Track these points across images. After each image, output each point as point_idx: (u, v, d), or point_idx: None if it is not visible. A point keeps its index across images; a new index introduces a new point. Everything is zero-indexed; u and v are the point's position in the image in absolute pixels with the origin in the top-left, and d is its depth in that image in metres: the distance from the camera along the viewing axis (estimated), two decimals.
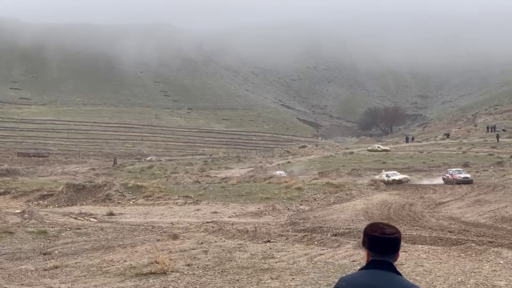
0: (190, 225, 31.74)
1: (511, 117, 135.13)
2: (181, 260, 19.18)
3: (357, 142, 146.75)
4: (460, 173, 57.73)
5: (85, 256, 21.91)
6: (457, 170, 59.09)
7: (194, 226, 31.10)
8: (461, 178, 55.64)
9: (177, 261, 19.05)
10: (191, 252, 21.09)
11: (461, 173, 57.85)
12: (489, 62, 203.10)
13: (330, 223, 30.98)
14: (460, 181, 54.60)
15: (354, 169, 73.70)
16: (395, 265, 4.55)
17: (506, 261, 17.86)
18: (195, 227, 30.28)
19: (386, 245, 4.47)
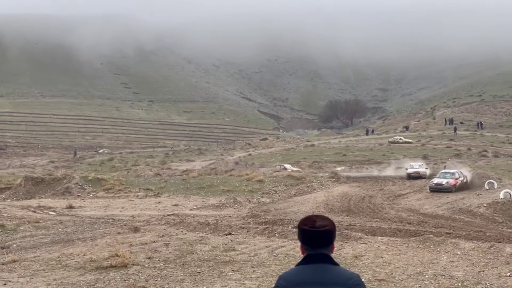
0: (151, 218, 31.55)
1: (469, 110, 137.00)
2: (142, 253, 19.08)
3: (318, 135, 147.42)
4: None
5: (44, 250, 21.65)
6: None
7: (155, 219, 30.92)
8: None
9: (138, 254, 18.94)
10: (152, 245, 20.98)
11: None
12: (446, 56, 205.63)
13: (291, 215, 31.06)
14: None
15: (315, 162, 74.03)
16: (332, 256, 4.53)
17: (463, 252, 18.12)
18: (156, 220, 30.12)
19: (319, 238, 4.45)
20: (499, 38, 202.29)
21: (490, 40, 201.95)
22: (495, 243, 19.43)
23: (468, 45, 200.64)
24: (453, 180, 43.84)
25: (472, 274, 15.37)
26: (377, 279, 14.61)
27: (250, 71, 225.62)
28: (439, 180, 43.77)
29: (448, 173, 46.00)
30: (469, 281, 14.52)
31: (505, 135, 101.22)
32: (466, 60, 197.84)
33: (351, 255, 17.97)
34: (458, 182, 44.16)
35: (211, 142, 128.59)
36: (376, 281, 14.29)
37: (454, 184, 43.15)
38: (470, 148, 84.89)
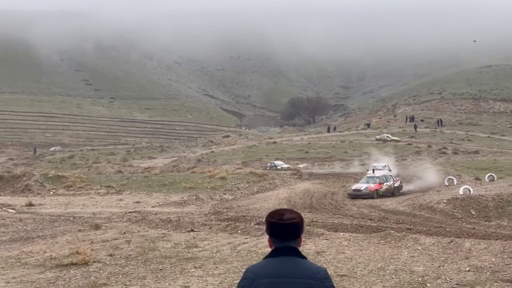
0: (113, 215, 31.32)
1: (429, 108, 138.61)
2: (103, 251, 18.91)
3: (280, 132, 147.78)
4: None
5: (3, 247, 21.32)
6: None
7: (116, 216, 30.69)
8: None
9: (99, 251, 18.76)
10: (113, 242, 20.80)
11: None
12: (406, 55, 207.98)
13: (254, 212, 31.09)
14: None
15: (278, 159, 74.17)
16: (299, 250, 4.54)
17: (423, 247, 18.31)
18: (117, 217, 29.90)
19: (286, 230, 4.45)
20: (458, 37, 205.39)
21: (450, 39, 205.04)
22: (455, 238, 19.67)
23: (428, 44, 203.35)
24: (375, 185, 40.45)
25: (432, 269, 15.53)
26: (339, 274, 14.68)
27: (212, 68, 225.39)
28: (358, 185, 40.69)
29: (373, 177, 42.28)
30: (429, 276, 14.68)
31: (464, 132, 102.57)
32: (426, 59, 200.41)
33: (313, 251, 18.04)
34: (382, 187, 40.88)
35: (173, 139, 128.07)
36: (338, 277, 14.35)
37: (376, 190, 39.92)
38: (430, 145, 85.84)
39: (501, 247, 17.76)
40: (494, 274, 14.83)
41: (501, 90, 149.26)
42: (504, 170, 53.41)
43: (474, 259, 16.61)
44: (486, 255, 17.01)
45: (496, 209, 30.67)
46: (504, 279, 14.23)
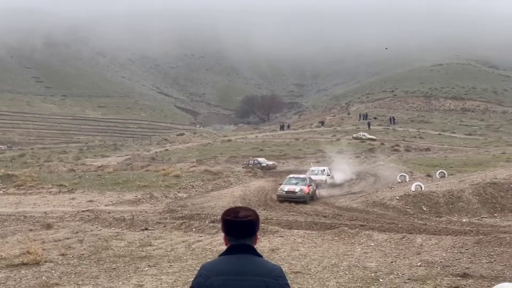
0: (65, 214, 30.91)
1: (382, 106, 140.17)
2: (55, 250, 18.66)
3: (234, 130, 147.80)
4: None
5: None
6: None
7: (68, 215, 30.31)
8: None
9: (51, 251, 18.51)
10: (65, 241, 20.55)
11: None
12: (359, 53, 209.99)
13: (208, 210, 31.03)
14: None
15: (232, 157, 74.19)
16: (255, 247, 4.55)
17: (376, 244, 18.52)
18: (69, 216, 29.53)
19: (241, 228, 4.46)
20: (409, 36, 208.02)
21: (401, 38, 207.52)
22: (407, 234, 19.94)
23: (380, 42, 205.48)
24: (306, 187, 37.04)
25: (385, 264, 15.72)
26: (293, 271, 14.75)
27: (166, 66, 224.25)
28: (290, 187, 36.45)
29: (298, 178, 38.81)
30: (382, 271, 14.86)
31: (416, 130, 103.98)
32: (378, 57, 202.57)
33: (267, 248, 18.10)
34: (310, 190, 37.62)
35: (126, 138, 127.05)
36: (292, 274, 14.42)
37: (308, 192, 36.72)
38: (383, 143, 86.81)
39: (451, 242, 18.06)
40: (444, 268, 15.09)
41: (452, 88, 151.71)
42: (454, 166, 54.24)
43: (426, 254, 16.87)
44: (437, 250, 17.29)
45: (446, 205, 31.18)
46: (454, 273, 14.48)
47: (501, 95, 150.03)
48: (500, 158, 61.28)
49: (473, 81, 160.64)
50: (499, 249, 16.71)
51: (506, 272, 14.53)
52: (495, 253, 16.41)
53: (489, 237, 18.37)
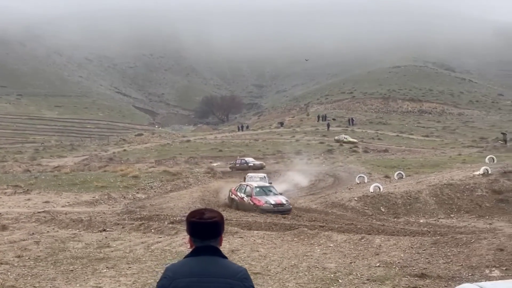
0: (20, 215, 30.41)
1: (341, 107, 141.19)
2: (11, 252, 18.35)
3: (194, 130, 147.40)
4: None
5: None
6: None
7: (24, 216, 29.81)
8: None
9: (6, 253, 18.20)
10: (21, 243, 20.22)
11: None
12: (318, 54, 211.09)
13: (167, 211, 30.87)
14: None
15: (191, 157, 73.97)
16: (220, 249, 4.52)
17: (335, 244, 18.61)
18: (25, 218, 29.05)
19: (206, 229, 4.44)
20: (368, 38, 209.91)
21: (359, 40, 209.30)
22: (366, 235, 20.08)
23: (338, 44, 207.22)
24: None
25: (344, 265, 15.81)
26: (253, 272, 14.74)
27: (124, 65, 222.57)
28: (276, 198, 32.17)
29: (265, 187, 34.40)
30: (341, 272, 14.93)
31: (374, 131, 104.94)
32: (336, 58, 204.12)
33: (227, 249, 18.05)
34: None
35: (84, 138, 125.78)
36: (252, 275, 14.31)
37: None
38: (342, 144, 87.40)
39: (409, 243, 18.24)
40: (402, 269, 15.23)
41: (409, 90, 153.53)
42: (412, 168, 54.87)
43: (384, 255, 17.01)
44: (395, 251, 17.44)
45: (404, 206, 31.54)
46: (412, 273, 14.63)
47: (457, 97, 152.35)
48: (457, 159, 62.15)
49: (430, 83, 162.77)
50: (455, 249, 16.92)
51: (463, 272, 14.72)
52: (452, 254, 16.61)
53: (446, 237, 18.60)
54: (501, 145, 75.08)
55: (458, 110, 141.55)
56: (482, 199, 32.10)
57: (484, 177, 34.46)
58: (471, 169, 39.06)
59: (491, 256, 15.92)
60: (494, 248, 16.40)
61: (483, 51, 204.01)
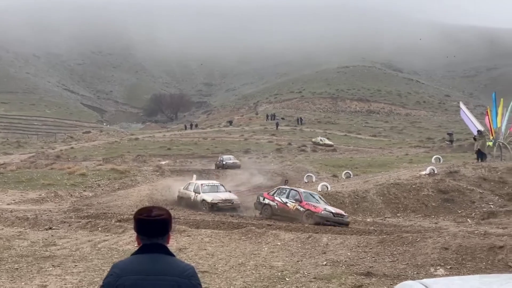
0: None
1: (289, 106, 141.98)
2: None
3: (142, 129, 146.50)
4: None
5: None
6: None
7: None
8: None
9: None
10: None
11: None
12: (267, 54, 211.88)
13: (115, 209, 30.63)
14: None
15: (139, 155, 73.42)
16: (167, 247, 4.53)
17: (283, 243, 18.72)
18: None
19: (153, 227, 4.44)
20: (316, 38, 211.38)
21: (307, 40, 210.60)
22: (313, 234, 20.23)
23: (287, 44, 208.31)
24: None
25: (291, 263, 15.92)
26: (201, 271, 14.73)
27: (72, 62, 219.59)
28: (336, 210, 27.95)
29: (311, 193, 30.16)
30: (288, 270, 15.04)
31: (323, 131, 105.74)
32: (285, 58, 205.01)
33: (175, 247, 17.99)
34: None
35: (30, 135, 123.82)
36: (199, 273, 14.24)
37: None
38: (291, 143, 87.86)
39: (356, 242, 18.45)
40: (349, 267, 15.42)
41: (358, 90, 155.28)
42: (360, 167, 55.45)
43: (331, 253, 17.18)
44: (342, 249, 17.63)
45: (352, 205, 31.89)
46: (359, 272, 14.83)
47: (404, 98, 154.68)
48: (403, 159, 63.05)
49: (378, 83, 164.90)
50: (401, 248, 17.19)
51: (408, 271, 14.98)
52: (398, 252, 16.87)
53: (392, 236, 18.86)
54: (447, 146, 76.46)
55: (406, 111, 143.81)
56: (428, 198, 32.62)
57: (430, 177, 35.00)
58: (418, 169, 39.65)
59: (436, 255, 16.22)
60: (439, 247, 16.70)
61: (430, 53, 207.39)
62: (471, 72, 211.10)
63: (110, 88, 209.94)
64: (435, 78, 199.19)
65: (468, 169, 36.00)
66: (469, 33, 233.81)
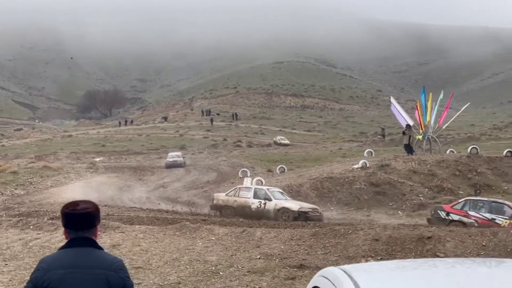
0: None
1: (225, 102, 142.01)
2: None
3: (76, 125, 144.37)
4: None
5: None
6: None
7: None
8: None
9: None
10: None
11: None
12: (201, 49, 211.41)
13: (47, 207, 30.17)
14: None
15: (73, 152, 72.43)
16: (95, 240, 4.55)
17: (217, 238, 18.79)
18: None
19: (80, 220, 4.44)
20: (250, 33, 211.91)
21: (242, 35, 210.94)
22: (247, 228, 20.35)
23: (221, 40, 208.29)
24: None
25: (225, 258, 16.01)
26: (134, 267, 14.69)
27: (3, 58, 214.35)
28: None
29: None
30: (222, 264, 15.12)
31: (258, 126, 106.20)
32: (220, 54, 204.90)
33: (108, 244, 17.86)
34: None
35: None
36: (133, 269, 14.35)
37: None
38: (226, 139, 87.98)
39: (289, 235, 18.65)
40: (282, 260, 15.60)
41: (292, 85, 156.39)
42: (294, 162, 55.97)
43: (265, 247, 17.33)
44: (276, 243, 17.79)
45: None
46: (292, 265, 15.03)
47: (338, 93, 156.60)
48: (337, 153, 63.87)
49: (312, 79, 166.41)
50: (333, 240, 17.47)
51: (340, 262, 15.24)
52: (330, 245, 17.15)
53: (325, 229, 19.13)
54: (380, 140, 77.92)
55: (339, 106, 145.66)
56: (361, 191, 33.23)
57: (362, 171, 35.66)
58: (350, 163, 40.30)
59: (367, 247, 16.56)
60: (370, 238, 17.05)
61: (361, 48, 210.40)
62: (402, 68, 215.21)
63: (42, 84, 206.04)
64: (367, 73, 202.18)
65: (399, 163, 36.81)
66: (399, 29, 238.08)
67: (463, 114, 63.55)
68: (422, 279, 2.78)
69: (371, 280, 2.78)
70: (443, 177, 34.64)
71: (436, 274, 2.86)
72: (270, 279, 13.70)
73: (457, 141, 68.40)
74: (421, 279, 2.77)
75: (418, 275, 2.86)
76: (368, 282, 2.71)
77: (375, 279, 2.83)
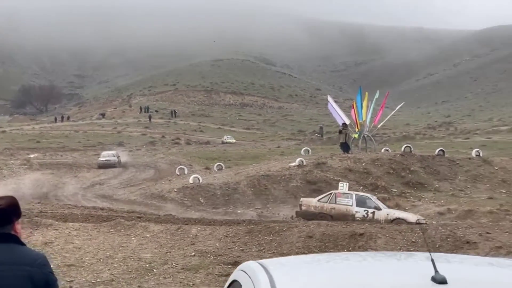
0: None
1: (163, 99, 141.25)
2: None
3: (10, 121, 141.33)
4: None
5: None
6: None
7: None
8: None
9: None
10: None
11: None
12: (140, 46, 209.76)
13: None
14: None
15: (6, 149, 70.89)
16: (17, 236, 4.48)
17: (152, 235, 18.71)
18: None
19: None
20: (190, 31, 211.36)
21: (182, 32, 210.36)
22: (182, 225, 20.32)
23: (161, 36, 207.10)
24: None
25: (159, 255, 15.96)
26: (67, 264, 14.52)
27: None
28: None
29: None
30: (157, 262, 15.08)
31: (197, 123, 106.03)
32: (159, 50, 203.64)
33: (40, 242, 17.60)
34: None
35: None
36: (65, 267, 14.19)
37: None
38: (164, 136, 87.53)
39: (224, 232, 18.70)
40: (217, 257, 15.65)
41: (232, 83, 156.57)
42: (232, 159, 56.02)
43: (200, 244, 17.34)
44: (211, 240, 17.82)
45: (223, 197, 32.26)
46: (226, 262, 15.09)
47: (277, 91, 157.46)
48: (275, 151, 64.20)
49: (252, 77, 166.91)
50: (268, 237, 17.60)
51: None
52: (265, 242, 17.27)
53: (260, 226, 19.25)
54: (318, 138, 78.68)
55: (278, 104, 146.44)
56: (297, 189, 33.50)
57: (299, 168, 35.92)
58: (288, 161, 40.54)
59: (301, 243, 16.75)
60: (304, 235, 17.25)
61: (300, 47, 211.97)
62: (341, 67, 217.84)
63: None
64: (306, 72, 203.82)
65: (335, 161, 37.22)
66: (337, 29, 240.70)
67: (399, 113, 64.76)
68: (331, 270, 2.91)
69: (284, 273, 2.87)
70: (378, 175, 35.18)
71: (346, 266, 2.99)
72: (204, 276, 13.73)
73: (392, 140, 69.52)
74: (330, 271, 2.90)
75: (328, 267, 2.98)
76: (282, 275, 2.80)
77: (288, 272, 2.92)
